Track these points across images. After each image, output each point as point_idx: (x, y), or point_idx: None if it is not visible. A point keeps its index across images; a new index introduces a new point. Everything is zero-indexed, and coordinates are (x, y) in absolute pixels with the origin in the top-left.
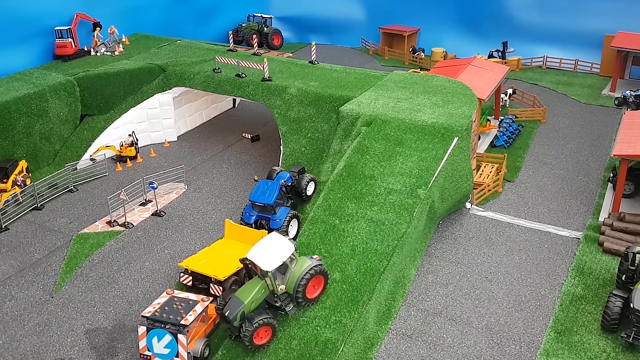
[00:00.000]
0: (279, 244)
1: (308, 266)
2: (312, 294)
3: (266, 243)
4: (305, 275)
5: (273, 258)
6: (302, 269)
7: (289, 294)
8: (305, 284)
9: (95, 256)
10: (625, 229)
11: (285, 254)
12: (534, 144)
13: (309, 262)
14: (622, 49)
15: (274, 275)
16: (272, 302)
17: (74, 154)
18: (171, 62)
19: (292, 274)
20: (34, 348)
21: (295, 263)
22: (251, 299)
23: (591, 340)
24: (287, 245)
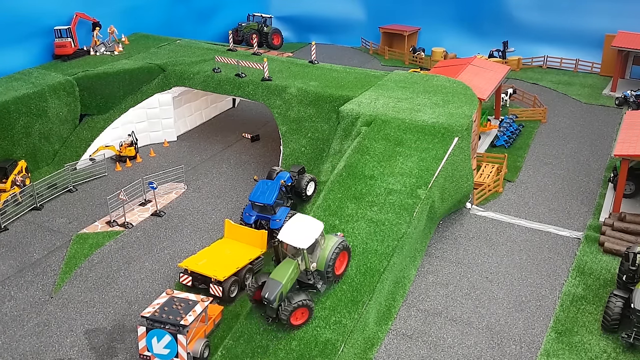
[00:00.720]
0: (307, 223)
1: (335, 243)
2: (340, 269)
3: (294, 223)
4: (335, 251)
5: (306, 236)
6: (330, 245)
7: (319, 271)
8: (334, 260)
9: (94, 256)
10: (626, 229)
11: (317, 232)
12: (535, 144)
13: (335, 239)
14: (622, 48)
15: None
16: (305, 280)
17: (74, 154)
18: (171, 62)
19: (322, 251)
20: (33, 348)
21: (323, 241)
22: (287, 279)
23: (592, 341)
24: (316, 224)
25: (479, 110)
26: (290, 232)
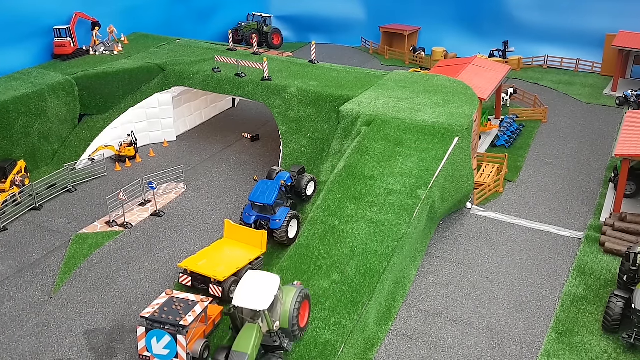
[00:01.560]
0: (262, 280)
1: (295, 294)
2: (304, 321)
3: (248, 283)
4: (296, 306)
5: (263, 295)
6: (291, 298)
7: (283, 329)
8: (298, 313)
9: (94, 256)
10: (626, 229)
11: (274, 288)
12: (535, 144)
13: (293, 290)
14: (623, 48)
15: None
16: (270, 343)
17: (73, 154)
18: (170, 62)
19: (283, 307)
20: (32, 349)
21: (282, 295)
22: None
23: (592, 341)
24: (271, 279)
25: (479, 110)
26: (246, 294)
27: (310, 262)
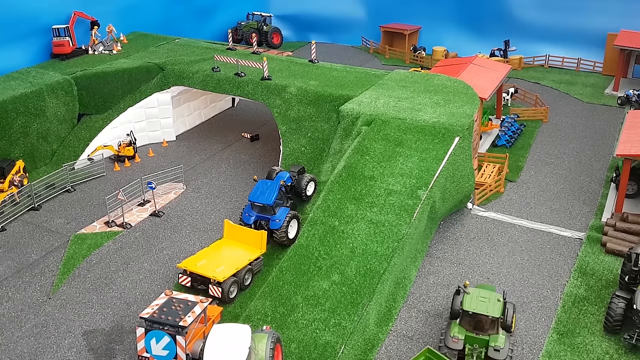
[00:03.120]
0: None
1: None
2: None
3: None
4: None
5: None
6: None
7: None
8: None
9: (93, 257)
10: (628, 230)
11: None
12: (536, 144)
13: (264, 337)
14: (625, 47)
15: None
16: None
17: (72, 154)
18: (170, 61)
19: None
20: (31, 350)
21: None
22: None
23: (594, 342)
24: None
25: (480, 110)
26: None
27: (310, 263)
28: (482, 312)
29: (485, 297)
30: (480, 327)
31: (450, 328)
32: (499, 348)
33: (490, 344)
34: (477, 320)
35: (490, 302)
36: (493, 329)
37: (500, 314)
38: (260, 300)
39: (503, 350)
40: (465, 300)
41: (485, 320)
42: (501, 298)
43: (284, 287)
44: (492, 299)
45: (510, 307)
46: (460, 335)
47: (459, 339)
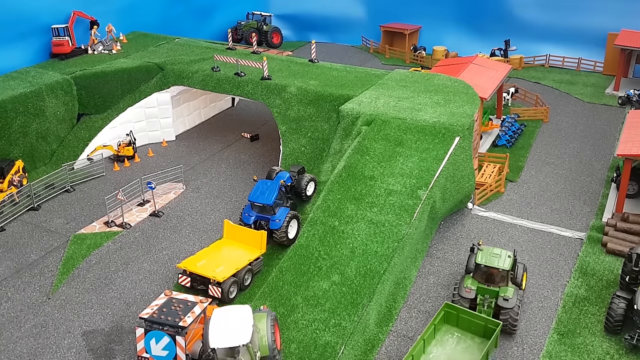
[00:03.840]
0: (234, 315)
1: (267, 320)
2: (278, 343)
3: (220, 322)
4: (271, 329)
5: (241, 329)
6: (265, 325)
7: (264, 357)
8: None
9: (92, 257)
10: (629, 230)
11: (249, 319)
12: (537, 144)
13: (263, 315)
14: (625, 47)
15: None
16: None
17: (71, 154)
18: (169, 61)
19: (260, 335)
20: (30, 350)
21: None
22: None
23: (594, 342)
24: (243, 311)
25: (480, 110)
26: (222, 333)
27: (310, 263)
28: (493, 265)
29: (497, 253)
30: (492, 280)
31: (464, 280)
32: (507, 298)
33: (500, 295)
34: (488, 274)
35: (501, 257)
36: (503, 282)
37: (510, 268)
38: (260, 301)
39: (511, 300)
40: (479, 255)
41: (496, 273)
42: (512, 255)
43: (284, 287)
44: (503, 255)
45: (520, 267)
46: (473, 286)
47: (471, 289)
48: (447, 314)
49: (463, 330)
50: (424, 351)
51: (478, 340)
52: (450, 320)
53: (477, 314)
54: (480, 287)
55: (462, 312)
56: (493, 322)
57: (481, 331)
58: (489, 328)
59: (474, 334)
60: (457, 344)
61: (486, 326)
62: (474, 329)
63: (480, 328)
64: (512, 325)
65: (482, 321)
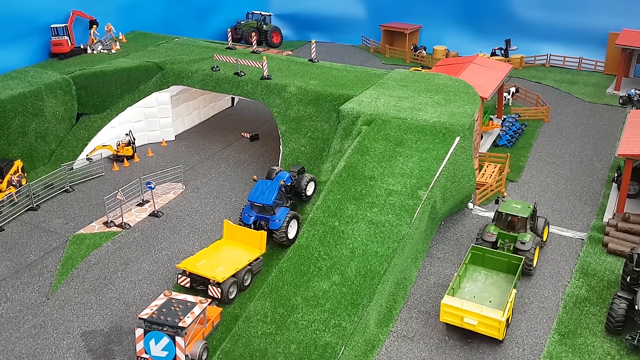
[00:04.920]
0: None
1: None
2: None
3: None
4: None
5: None
6: None
7: None
8: None
9: (91, 257)
10: (630, 230)
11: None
12: (537, 144)
13: None
14: (626, 47)
15: None
16: None
17: (70, 154)
18: (169, 60)
19: None
20: (29, 351)
21: None
22: None
23: (595, 343)
24: None
25: (481, 109)
26: None
27: (310, 263)
28: (513, 213)
29: (518, 204)
30: (512, 227)
31: (487, 227)
32: (524, 242)
33: (518, 239)
34: (509, 221)
35: (522, 208)
36: (522, 229)
37: (529, 216)
38: (259, 301)
39: (528, 243)
40: (501, 205)
41: (516, 221)
42: (532, 206)
43: (284, 287)
44: (523, 206)
45: (542, 220)
46: (495, 232)
47: (493, 234)
48: (474, 255)
49: (488, 268)
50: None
51: (503, 276)
52: (476, 261)
53: (501, 252)
54: (501, 233)
55: (487, 252)
56: (516, 257)
57: (505, 267)
58: (512, 264)
59: (499, 270)
60: (486, 280)
61: (509, 262)
62: (499, 267)
63: (504, 265)
64: (527, 266)
65: (506, 258)
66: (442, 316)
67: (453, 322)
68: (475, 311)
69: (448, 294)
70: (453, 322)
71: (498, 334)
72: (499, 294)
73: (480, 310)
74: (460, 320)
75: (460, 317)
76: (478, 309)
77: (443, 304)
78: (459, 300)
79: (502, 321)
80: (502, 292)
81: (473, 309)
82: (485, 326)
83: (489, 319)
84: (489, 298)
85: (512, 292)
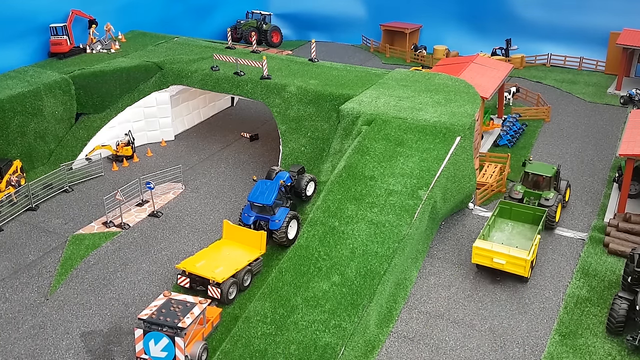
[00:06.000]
0: None
1: None
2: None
3: None
4: None
5: None
6: None
7: None
8: None
9: (91, 257)
10: (631, 230)
11: None
12: (538, 143)
13: None
14: (627, 46)
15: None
16: None
17: (70, 154)
18: (168, 60)
19: None
20: (28, 351)
21: None
22: None
23: (596, 343)
24: None
25: (481, 109)
26: None
27: (310, 264)
28: (538, 172)
29: (543, 166)
30: (537, 186)
31: (515, 186)
32: (548, 198)
33: (543, 196)
34: (534, 180)
35: (546, 168)
36: (546, 188)
37: (553, 176)
38: (259, 302)
39: (551, 200)
40: (528, 166)
41: (541, 180)
42: (556, 168)
43: (284, 288)
44: (548, 167)
45: (564, 182)
46: (521, 190)
47: (519, 192)
48: (502, 209)
49: (515, 220)
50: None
51: (528, 226)
52: (504, 215)
53: (526, 205)
54: (527, 191)
55: (514, 206)
56: (540, 209)
57: (530, 219)
58: (536, 216)
59: (524, 222)
60: (512, 230)
61: (534, 214)
62: (524, 218)
63: (529, 217)
64: (550, 221)
65: (531, 210)
66: (473, 258)
67: (483, 262)
68: (503, 252)
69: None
70: (483, 263)
71: (524, 271)
72: (524, 241)
73: (508, 251)
74: (490, 260)
75: (490, 258)
76: (506, 250)
77: (475, 247)
78: (489, 243)
79: (528, 260)
80: (527, 240)
81: (501, 250)
82: (513, 265)
83: (516, 259)
84: (515, 244)
85: (536, 237)
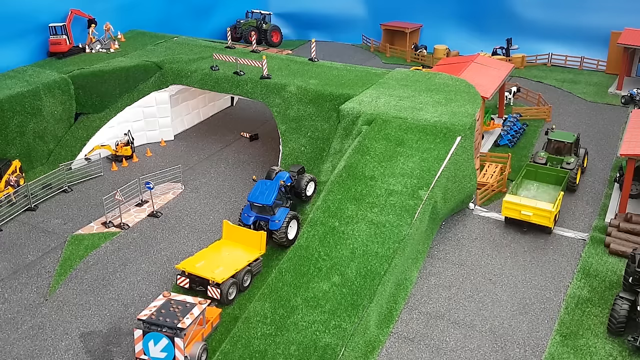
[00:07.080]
0: None
1: None
2: None
3: None
4: None
5: None
6: None
7: None
8: None
9: (90, 258)
10: (632, 230)
11: None
12: (539, 143)
13: None
14: (628, 46)
15: None
16: None
17: (69, 154)
18: (168, 60)
19: None
20: (27, 352)
21: None
22: None
23: (597, 344)
24: None
25: (482, 109)
26: None
27: (310, 264)
28: (560, 139)
29: (564, 133)
30: (559, 152)
31: (538, 153)
32: (570, 162)
33: (564, 161)
34: (557, 147)
35: (568, 136)
36: (568, 153)
37: (573, 142)
38: (259, 302)
39: (572, 164)
40: (551, 134)
41: (563, 146)
42: (576, 135)
43: (284, 288)
44: (569, 134)
45: (583, 150)
46: (545, 156)
47: (543, 157)
48: (528, 171)
49: (539, 182)
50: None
51: (552, 187)
52: (529, 177)
53: (550, 167)
54: (550, 157)
55: (539, 168)
56: (562, 171)
57: (553, 180)
58: (559, 177)
59: (548, 183)
60: (538, 189)
61: (557, 176)
62: (548, 180)
63: (552, 178)
64: (571, 183)
65: (554, 172)
66: (503, 211)
67: (512, 215)
68: (530, 205)
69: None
70: (512, 215)
71: (549, 222)
72: (548, 198)
73: (534, 204)
74: (518, 213)
75: (518, 210)
76: (533, 203)
77: (505, 201)
78: (517, 197)
79: (553, 211)
80: (551, 197)
81: (529, 203)
82: (539, 217)
83: (542, 210)
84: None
85: (560, 194)
